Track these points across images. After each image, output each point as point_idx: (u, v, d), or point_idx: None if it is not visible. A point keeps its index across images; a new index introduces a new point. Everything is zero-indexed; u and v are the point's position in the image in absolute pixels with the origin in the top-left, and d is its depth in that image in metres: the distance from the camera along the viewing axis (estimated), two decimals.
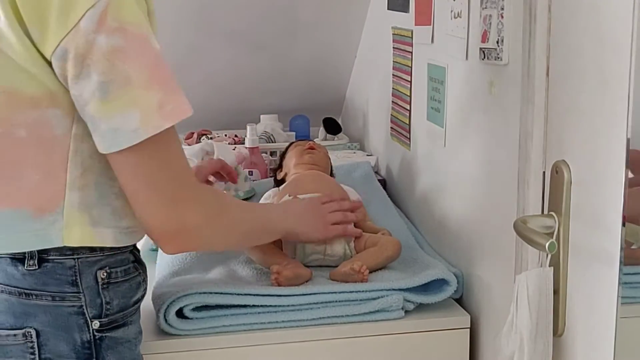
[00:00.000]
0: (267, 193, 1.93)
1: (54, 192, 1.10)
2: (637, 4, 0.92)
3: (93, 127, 1.04)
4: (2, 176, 1.10)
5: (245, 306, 1.43)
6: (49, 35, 1.00)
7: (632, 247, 1.03)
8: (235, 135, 2.52)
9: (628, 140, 0.95)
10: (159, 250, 1.74)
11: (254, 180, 2.16)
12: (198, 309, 1.41)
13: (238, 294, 1.42)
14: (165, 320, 1.39)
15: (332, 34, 2.48)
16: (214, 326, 1.42)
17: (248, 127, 2.37)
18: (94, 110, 1.01)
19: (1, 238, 1.11)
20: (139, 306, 1.24)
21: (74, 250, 1.12)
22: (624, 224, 0.97)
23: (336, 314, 1.45)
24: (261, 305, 1.43)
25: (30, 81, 1.04)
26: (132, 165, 1.07)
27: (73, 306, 1.13)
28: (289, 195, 1.78)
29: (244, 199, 1.98)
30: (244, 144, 2.33)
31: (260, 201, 1.92)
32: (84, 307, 1.14)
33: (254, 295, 1.43)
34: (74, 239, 1.11)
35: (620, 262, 0.97)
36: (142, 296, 1.24)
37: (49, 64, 1.03)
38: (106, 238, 1.14)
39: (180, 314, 1.41)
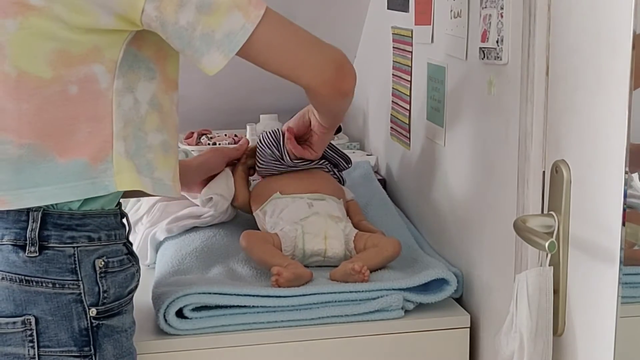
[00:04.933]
0: None
1: (103, 142, 1.17)
2: (636, 4, 0.93)
3: (207, 45, 1.14)
4: (60, 131, 1.15)
5: (245, 306, 1.43)
6: None
7: (635, 247, 1.03)
8: (235, 135, 2.52)
9: (628, 140, 0.95)
10: (159, 250, 1.74)
11: (253, 180, 2.15)
12: (198, 309, 1.41)
13: (238, 295, 1.42)
14: (165, 320, 1.39)
15: (331, 33, 2.46)
16: (214, 326, 1.42)
17: (248, 127, 2.38)
18: (208, 24, 1.13)
19: (63, 188, 1.16)
20: (132, 297, 1.28)
21: (73, 239, 1.17)
22: (624, 224, 0.97)
23: (336, 314, 1.45)
24: (261, 306, 1.43)
25: (80, 39, 1.13)
26: (263, 54, 1.20)
27: (72, 293, 1.17)
28: (280, 193, 1.77)
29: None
30: None
31: None
32: (82, 295, 1.17)
33: (254, 296, 1.43)
34: (125, 184, 1.19)
35: (620, 261, 0.97)
36: (136, 287, 1.28)
37: (120, 21, 1.12)
38: (147, 186, 1.22)
39: (179, 313, 1.41)
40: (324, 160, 1.84)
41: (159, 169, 1.24)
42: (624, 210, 0.97)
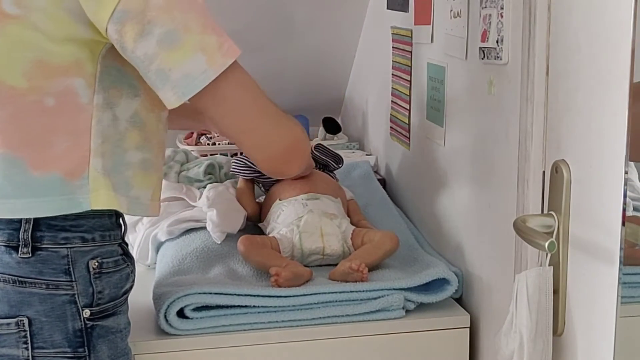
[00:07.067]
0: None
1: (81, 157, 1.15)
2: (636, 4, 0.93)
3: (162, 82, 1.09)
4: (36, 143, 1.14)
5: (246, 306, 1.43)
6: (105, 1, 1.06)
7: (636, 247, 1.03)
8: None
9: (628, 140, 0.95)
10: (160, 250, 1.74)
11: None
12: (198, 308, 1.42)
13: (239, 295, 1.42)
14: (166, 320, 1.40)
15: (331, 33, 2.48)
16: (214, 326, 1.42)
17: None
18: (165, 61, 1.07)
19: (36, 202, 1.14)
20: (127, 297, 1.27)
21: (67, 240, 1.16)
22: (623, 224, 0.97)
23: (336, 314, 1.45)
24: (262, 306, 1.43)
25: (60, 50, 1.10)
26: (214, 106, 1.13)
27: (66, 294, 1.16)
28: (279, 200, 1.77)
29: None
30: None
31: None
32: (76, 296, 1.17)
33: (255, 296, 1.43)
34: (101, 203, 1.16)
35: (620, 261, 0.97)
36: (131, 287, 1.27)
37: (96, 32, 1.08)
38: (122, 205, 1.19)
39: (180, 313, 1.41)
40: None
41: (136, 187, 1.21)
42: (624, 210, 0.97)
